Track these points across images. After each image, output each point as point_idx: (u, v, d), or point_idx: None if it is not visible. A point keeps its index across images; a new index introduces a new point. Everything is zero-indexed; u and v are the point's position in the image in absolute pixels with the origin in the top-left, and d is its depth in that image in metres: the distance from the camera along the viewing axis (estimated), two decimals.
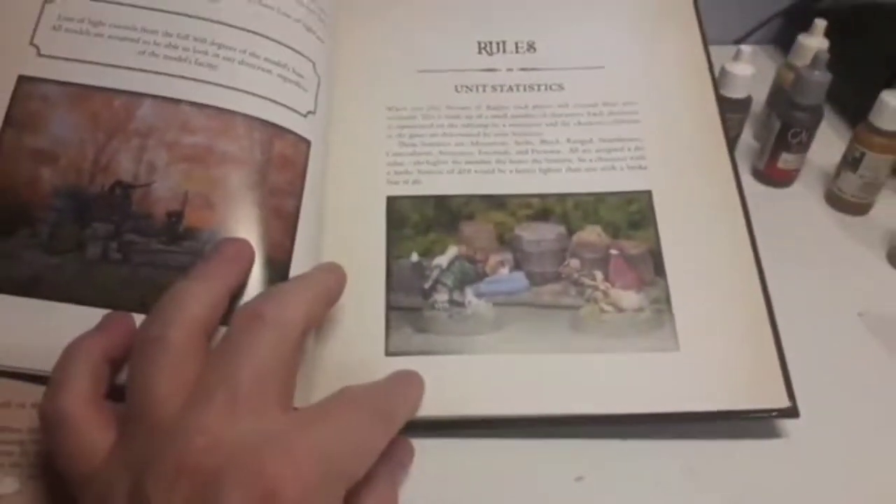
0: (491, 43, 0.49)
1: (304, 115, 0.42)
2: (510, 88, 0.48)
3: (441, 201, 0.44)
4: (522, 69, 0.48)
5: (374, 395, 0.33)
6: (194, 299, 0.31)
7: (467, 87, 0.47)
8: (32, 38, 0.39)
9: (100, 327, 0.33)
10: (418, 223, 0.43)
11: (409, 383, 0.37)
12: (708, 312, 0.41)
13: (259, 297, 0.32)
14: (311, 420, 0.29)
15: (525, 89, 0.48)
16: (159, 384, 0.29)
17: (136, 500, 0.27)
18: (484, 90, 0.47)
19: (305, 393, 0.36)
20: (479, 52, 0.49)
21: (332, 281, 0.36)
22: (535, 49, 0.49)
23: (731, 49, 0.55)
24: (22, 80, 0.38)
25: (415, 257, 0.42)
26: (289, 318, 0.31)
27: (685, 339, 0.40)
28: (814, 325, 0.45)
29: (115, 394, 0.31)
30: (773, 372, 0.39)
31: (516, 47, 0.49)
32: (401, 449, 0.36)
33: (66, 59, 0.38)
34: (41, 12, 0.39)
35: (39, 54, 0.38)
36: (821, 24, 0.59)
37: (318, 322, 0.36)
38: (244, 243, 0.36)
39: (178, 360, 0.30)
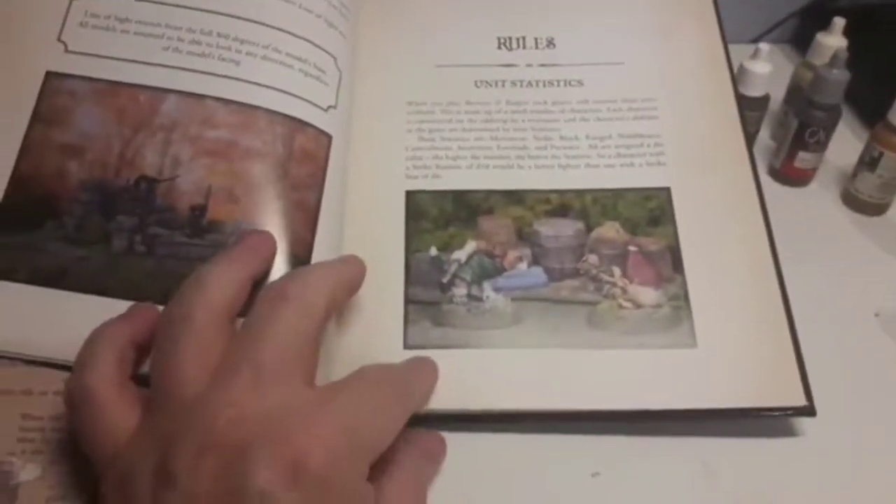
0: (510, 38, 0.49)
1: (326, 110, 0.41)
2: (529, 84, 0.47)
3: (460, 196, 0.43)
4: (542, 65, 0.48)
5: (392, 373, 0.33)
6: (217, 282, 0.31)
7: (487, 82, 0.47)
8: (60, 34, 0.39)
9: (125, 316, 0.33)
10: (437, 218, 0.43)
11: (424, 369, 0.37)
12: (726, 310, 0.40)
13: (283, 278, 0.32)
14: (333, 394, 0.29)
15: (544, 85, 0.47)
16: (184, 363, 0.29)
17: (161, 476, 0.26)
18: (503, 85, 0.47)
19: (324, 383, 0.36)
20: (499, 48, 0.48)
21: (353, 270, 0.36)
22: (554, 45, 0.49)
23: (749, 48, 0.54)
24: (50, 75, 0.38)
25: (433, 251, 0.42)
26: (312, 298, 0.31)
27: (703, 336, 0.39)
28: (830, 324, 0.45)
29: (140, 382, 0.31)
30: (790, 370, 0.39)
31: (536, 43, 0.49)
32: (431, 441, 0.36)
33: (93, 56, 0.39)
34: (68, 9, 0.39)
35: (67, 50, 0.38)
36: (840, 22, 0.58)
37: (340, 307, 0.35)
38: (267, 234, 0.36)
39: (202, 340, 0.29)
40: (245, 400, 0.28)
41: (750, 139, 0.47)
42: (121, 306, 0.34)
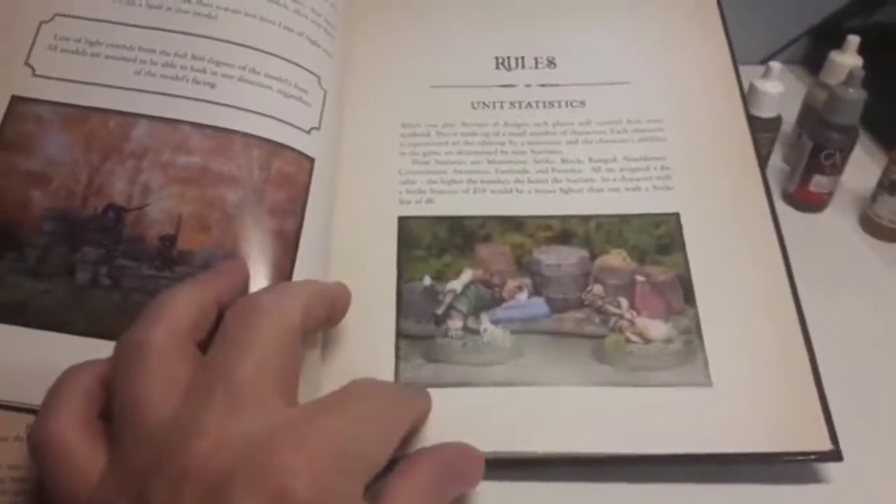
0: (509, 58, 0.45)
1: (308, 132, 0.38)
2: (529, 105, 0.43)
3: (456, 222, 0.39)
4: (542, 85, 0.44)
5: (382, 385, 0.30)
6: (176, 303, 0.28)
7: (484, 103, 0.43)
8: (28, 58, 0.36)
9: (96, 359, 0.29)
10: (431, 245, 0.39)
11: (417, 389, 0.34)
12: (742, 345, 0.36)
13: (253, 292, 0.29)
14: (318, 411, 0.26)
15: (545, 106, 0.43)
16: (145, 390, 0.26)
17: None
18: (502, 107, 0.43)
19: None
20: (497, 68, 0.44)
21: (333, 288, 0.32)
22: (555, 64, 0.45)
23: (759, 69, 0.51)
24: (15, 100, 0.35)
25: (427, 281, 0.38)
26: (286, 309, 0.28)
27: (717, 373, 0.35)
28: (854, 359, 0.40)
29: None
30: (813, 410, 0.34)
31: (536, 63, 0.45)
32: (461, 454, 0.31)
33: (62, 80, 0.35)
34: (37, 32, 0.36)
35: (34, 74, 0.35)
36: (854, 40, 0.54)
37: (318, 322, 0.31)
38: (238, 260, 0.33)
39: (163, 364, 0.26)
40: (220, 425, 0.24)
41: (763, 162, 0.43)
42: (83, 343, 0.31)
